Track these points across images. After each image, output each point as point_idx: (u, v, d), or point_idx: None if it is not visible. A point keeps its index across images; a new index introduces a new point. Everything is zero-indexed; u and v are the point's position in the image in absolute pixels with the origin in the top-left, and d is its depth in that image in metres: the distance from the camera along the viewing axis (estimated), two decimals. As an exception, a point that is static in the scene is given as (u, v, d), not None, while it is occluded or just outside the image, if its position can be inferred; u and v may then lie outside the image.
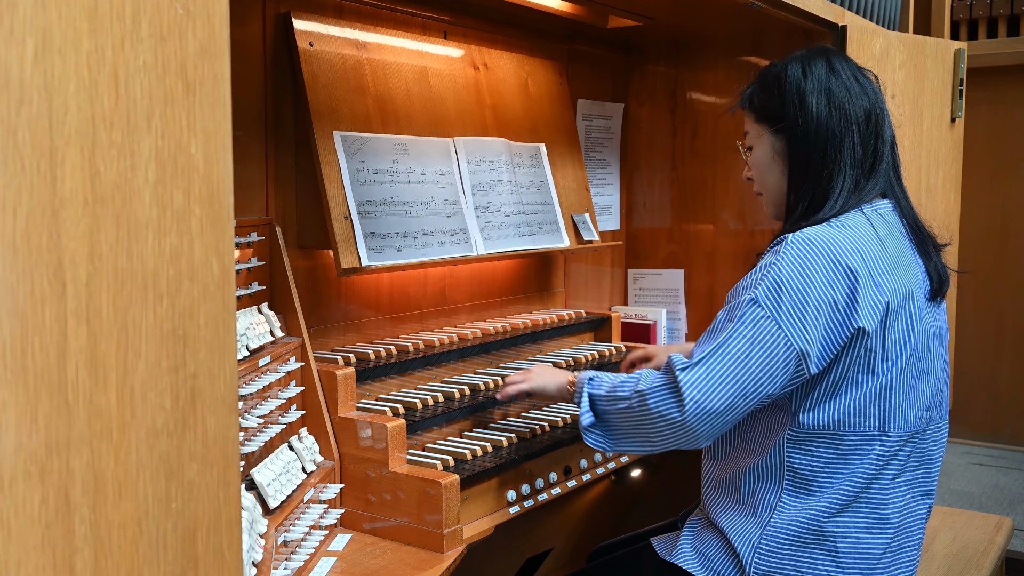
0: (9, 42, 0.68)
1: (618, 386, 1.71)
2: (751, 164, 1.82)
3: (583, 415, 1.74)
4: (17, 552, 0.69)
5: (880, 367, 1.57)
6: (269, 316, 1.81)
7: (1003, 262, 4.56)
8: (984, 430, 4.61)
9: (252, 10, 1.95)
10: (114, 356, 0.77)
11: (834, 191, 1.66)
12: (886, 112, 1.73)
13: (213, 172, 0.86)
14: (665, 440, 1.63)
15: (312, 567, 1.65)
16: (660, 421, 1.60)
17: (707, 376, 1.56)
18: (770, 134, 1.75)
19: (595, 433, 1.74)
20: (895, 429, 1.60)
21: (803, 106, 1.69)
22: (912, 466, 1.66)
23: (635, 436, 1.68)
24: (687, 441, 1.61)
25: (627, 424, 1.69)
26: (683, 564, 1.69)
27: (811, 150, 1.68)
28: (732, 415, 1.58)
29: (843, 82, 1.69)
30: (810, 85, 1.69)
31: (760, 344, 1.55)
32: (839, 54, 1.76)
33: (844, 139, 1.67)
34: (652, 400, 1.61)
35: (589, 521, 2.81)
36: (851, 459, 1.59)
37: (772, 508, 1.63)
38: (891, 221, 1.69)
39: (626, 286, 3.16)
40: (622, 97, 3.11)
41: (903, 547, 1.66)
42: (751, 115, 1.80)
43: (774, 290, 1.55)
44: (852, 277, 1.55)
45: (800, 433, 1.60)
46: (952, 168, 2.99)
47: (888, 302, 1.57)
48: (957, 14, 4.53)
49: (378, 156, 2.09)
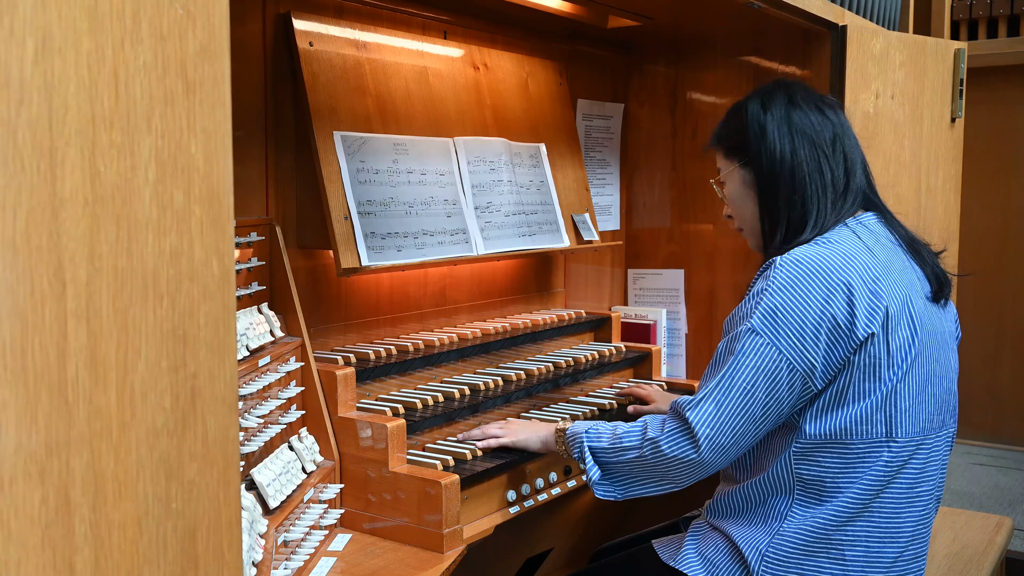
0: (9, 42, 0.68)
1: (622, 436, 1.72)
2: (726, 200, 1.85)
3: (590, 470, 1.75)
4: (17, 552, 0.69)
5: (886, 374, 1.56)
6: (269, 316, 1.81)
7: (1003, 262, 4.56)
8: (984, 430, 4.61)
9: (252, 10, 1.95)
10: (114, 356, 0.77)
11: (811, 214, 1.67)
12: (852, 136, 1.76)
13: (213, 172, 0.86)
14: (685, 478, 1.66)
15: (312, 567, 1.65)
16: (677, 464, 1.63)
17: (716, 411, 1.58)
18: (739, 168, 1.78)
19: (605, 484, 1.75)
20: (903, 435, 1.58)
21: (765, 136, 1.71)
22: (929, 473, 1.65)
23: (651, 480, 1.70)
24: (705, 474, 1.64)
25: (639, 471, 1.70)
26: (687, 570, 1.68)
27: (779, 177, 1.70)
28: (746, 442, 1.61)
29: (804, 112, 1.72)
30: (770, 116, 1.72)
31: (763, 372, 1.55)
32: (799, 85, 1.78)
33: (810, 163, 1.69)
34: (667, 445, 1.63)
35: (589, 521, 2.81)
36: (859, 466, 1.58)
37: (783, 517, 1.62)
38: (877, 231, 1.69)
39: (626, 286, 3.16)
40: (622, 97, 3.11)
41: (915, 557, 1.65)
42: (720, 152, 1.84)
43: (770, 316, 1.55)
44: (847, 290, 1.54)
45: (806, 444, 1.60)
46: (952, 168, 2.99)
47: (887, 307, 1.56)
48: (957, 14, 4.53)
49: (378, 156, 2.09)
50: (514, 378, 2.29)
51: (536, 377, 2.33)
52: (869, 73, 2.62)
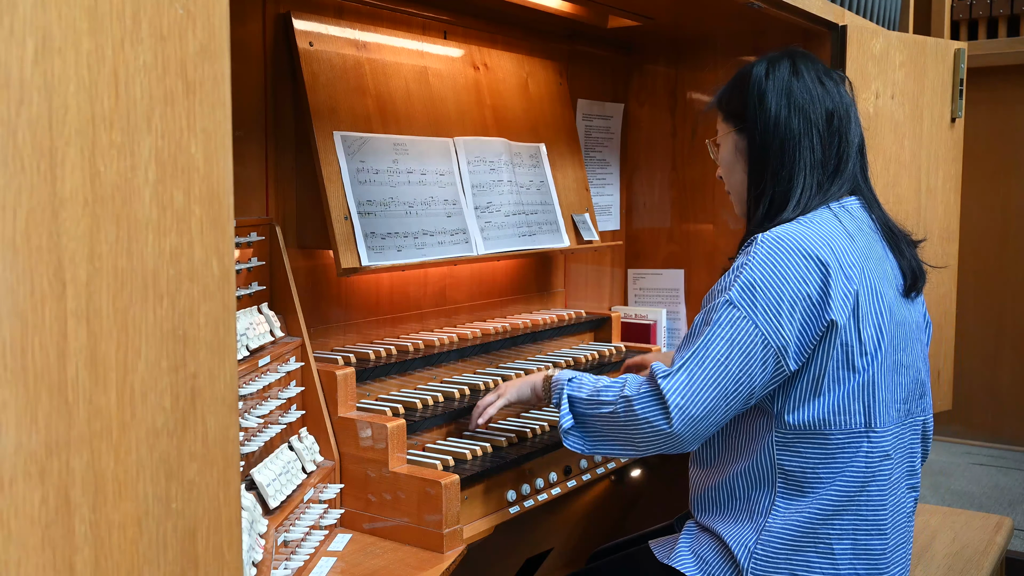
0: (9, 42, 0.68)
1: (601, 390, 1.71)
2: (718, 162, 1.85)
3: (563, 417, 1.73)
4: (17, 552, 0.69)
5: (859, 362, 1.58)
6: (269, 316, 1.81)
7: (1003, 262, 4.56)
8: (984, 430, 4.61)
9: (252, 10, 1.95)
10: (114, 356, 0.77)
11: (795, 192, 1.67)
12: (853, 115, 1.74)
13: (213, 172, 0.86)
14: (649, 446, 1.63)
15: (312, 567, 1.65)
16: (646, 427, 1.60)
17: (688, 381, 1.57)
18: (735, 133, 1.79)
19: (575, 435, 1.73)
20: (881, 424, 1.60)
21: (763, 106, 1.71)
22: (900, 462, 1.67)
23: (618, 440, 1.68)
24: (672, 447, 1.62)
25: (610, 428, 1.68)
26: (681, 568, 1.69)
27: (769, 149, 1.70)
28: (716, 417, 1.59)
29: (806, 84, 1.70)
30: (771, 85, 1.71)
31: (738, 344, 1.56)
32: (806, 56, 1.77)
33: (802, 139, 1.68)
34: (639, 406, 1.61)
35: (589, 521, 2.81)
36: (840, 458, 1.59)
37: (767, 512, 1.63)
38: (859, 217, 1.70)
39: (626, 286, 3.16)
40: (622, 97, 3.11)
41: (900, 544, 1.67)
42: (720, 114, 1.84)
43: (748, 290, 1.56)
44: (823, 269, 1.56)
45: (787, 434, 1.61)
46: (952, 168, 2.99)
47: (857, 291, 1.57)
48: (957, 14, 4.53)
49: (378, 156, 2.09)
50: (514, 378, 2.28)
51: (536, 377, 2.33)
52: (869, 73, 2.62)
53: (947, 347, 3.02)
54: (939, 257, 2.92)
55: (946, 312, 3.00)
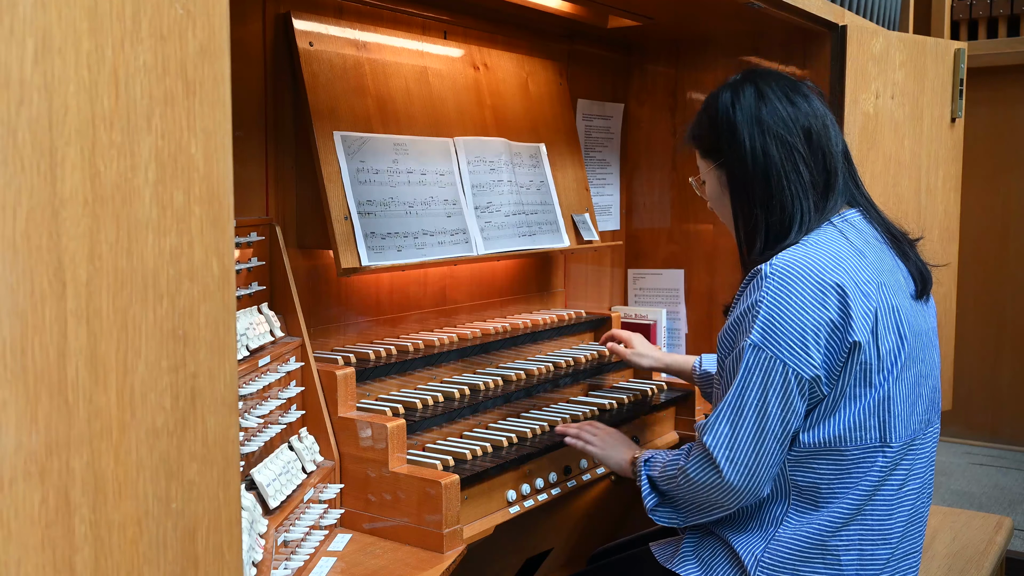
0: (9, 42, 0.68)
1: (668, 464, 1.72)
2: (706, 198, 1.81)
3: (646, 499, 1.75)
4: (17, 552, 0.69)
5: (876, 379, 1.55)
6: (269, 316, 1.81)
7: (1003, 262, 4.56)
8: (984, 430, 4.61)
9: (252, 10, 1.95)
10: (114, 356, 0.77)
11: (795, 218, 1.62)
12: (830, 124, 1.68)
13: (213, 172, 0.86)
14: (727, 501, 1.61)
15: (312, 567, 1.65)
16: (710, 488, 1.61)
17: (731, 433, 1.56)
18: (715, 168, 1.73)
19: (663, 511, 1.74)
20: (896, 439, 1.58)
21: (735, 140, 1.66)
22: (917, 473, 1.64)
23: (698, 506, 1.68)
24: (745, 497, 1.60)
25: (688, 497, 1.68)
26: (684, 573, 1.68)
27: (753, 182, 1.65)
28: (775, 458, 1.57)
29: (775, 107, 1.65)
30: (740, 116, 1.66)
31: (772, 387, 1.53)
32: (769, 75, 1.71)
33: (786, 165, 1.62)
34: (693, 471, 1.62)
35: (589, 521, 2.81)
36: (854, 472, 1.57)
37: (779, 523, 1.61)
38: (863, 229, 1.66)
39: (626, 286, 3.16)
40: (622, 97, 3.11)
41: (908, 554, 1.65)
42: (697, 151, 1.79)
43: (769, 328, 1.52)
44: (840, 292, 1.52)
45: (802, 452, 1.58)
46: (952, 168, 2.99)
47: (876, 309, 1.55)
48: (957, 14, 4.53)
49: (378, 156, 2.09)
50: (514, 378, 2.29)
51: (536, 377, 2.33)
52: (869, 73, 2.62)
53: (947, 347, 3.02)
54: (939, 257, 2.91)
55: (946, 312, 3.00)
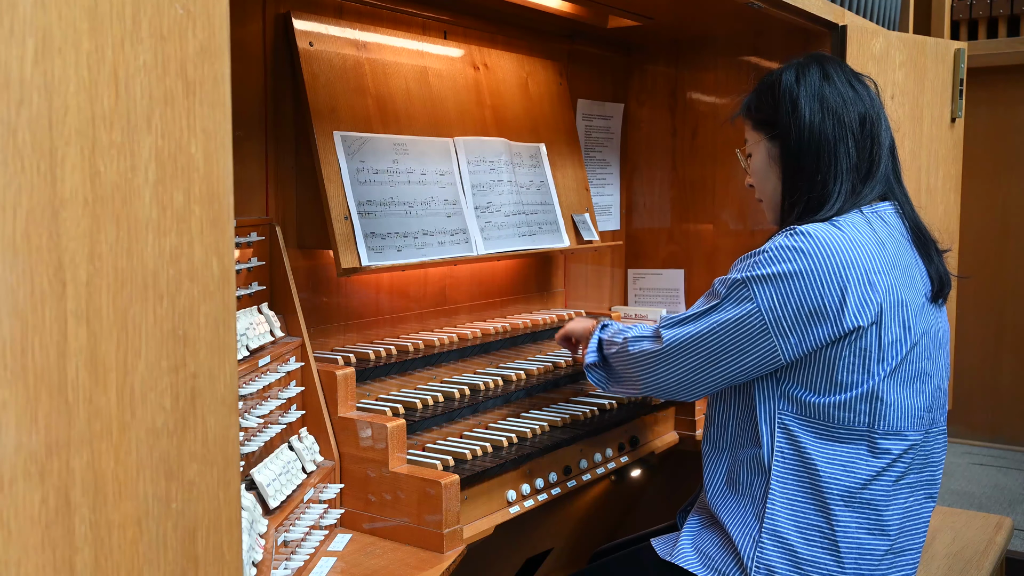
0: (9, 42, 0.68)
1: (617, 332, 1.89)
2: (750, 171, 1.84)
3: (588, 354, 1.95)
4: (17, 552, 0.69)
5: (876, 368, 1.58)
6: (269, 316, 1.81)
7: (1003, 262, 4.56)
8: (984, 430, 4.61)
9: (252, 10, 1.95)
10: (114, 356, 0.77)
11: (831, 196, 1.67)
12: (883, 117, 1.75)
13: (213, 172, 0.86)
14: (644, 378, 1.78)
15: (312, 567, 1.65)
16: (640, 357, 1.77)
17: (686, 335, 1.70)
18: (766, 141, 1.77)
19: (595, 372, 1.96)
20: (885, 428, 1.60)
21: (796, 112, 1.71)
22: (916, 468, 1.66)
23: (624, 379, 1.86)
24: (663, 381, 1.75)
25: (618, 366, 1.86)
26: (684, 564, 1.69)
27: (804, 156, 1.70)
28: (699, 377, 1.69)
29: (837, 89, 1.71)
30: (803, 91, 1.71)
31: (740, 323, 1.62)
32: (834, 60, 1.78)
33: (838, 145, 1.68)
34: (633, 346, 1.79)
35: (589, 521, 2.81)
36: (840, 451, 1.60)
37: (768, 499, 1.63)
38: (891, 223, 1.69)
39: (626, 286, 3.16)
40: (622, 97, 3.11)
41: (905, 549, 1.66)
42: (749, 122, 1.83)
43: (765, 275, 1.59)
44: (842, 278, 1.56)
45: (793, 420, 1.62)
46: (952, 168, 2.99)
47: (882, 302, 1.57)
48: (957, 14, 4.53)
49: (378, 156, 2.09)
50: (514, 378, 2.29)
51: (536, 377, 2.33)
52: (869, 73, 2.62)
53: (947, 347, 3.02)
54: (939, 257, 2.92)
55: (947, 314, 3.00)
